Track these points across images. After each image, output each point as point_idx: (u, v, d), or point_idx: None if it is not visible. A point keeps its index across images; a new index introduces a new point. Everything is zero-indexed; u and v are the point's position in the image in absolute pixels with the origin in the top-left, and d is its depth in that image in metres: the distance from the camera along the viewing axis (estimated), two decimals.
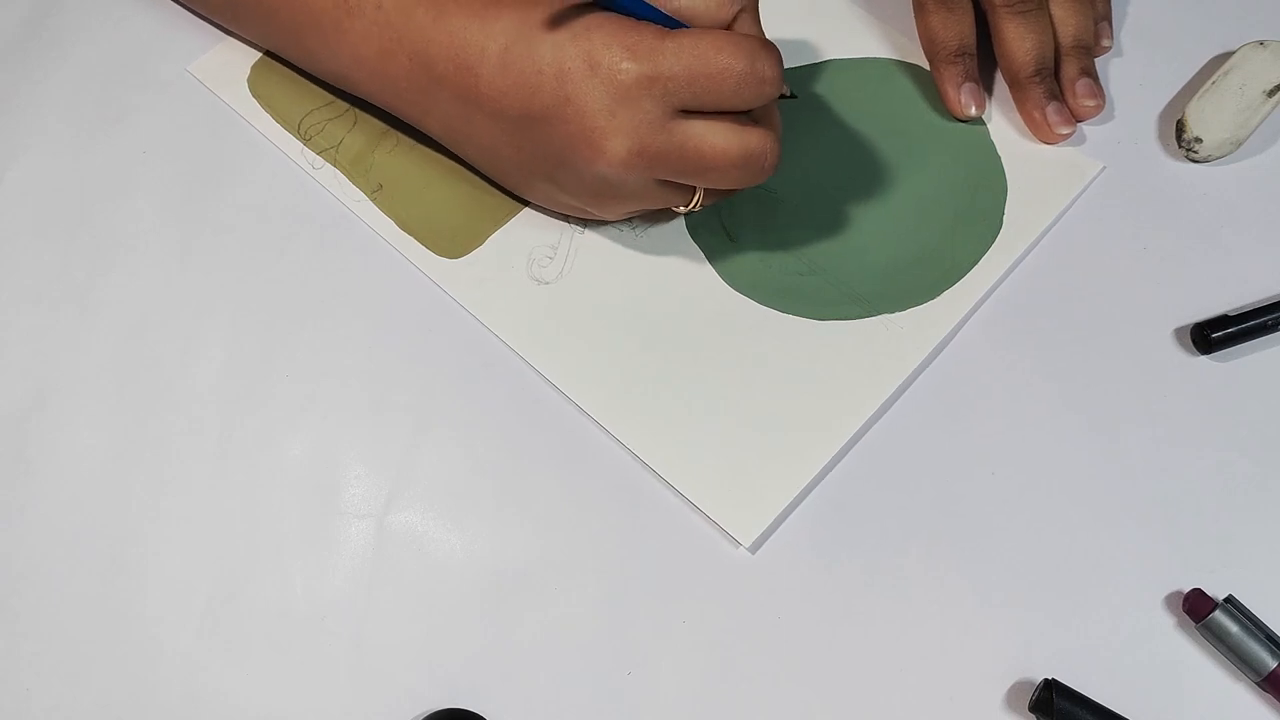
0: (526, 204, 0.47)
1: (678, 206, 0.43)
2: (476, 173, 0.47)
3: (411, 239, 0.47)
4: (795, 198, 0.47)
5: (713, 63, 0.38)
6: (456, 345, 0.45)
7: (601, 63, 0.38)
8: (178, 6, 0.52)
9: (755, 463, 0.42)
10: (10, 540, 0.42)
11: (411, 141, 0.48)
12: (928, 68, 0.50)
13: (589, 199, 0.43)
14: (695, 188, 0.42)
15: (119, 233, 0.47)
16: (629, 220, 0.47)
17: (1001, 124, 0.49)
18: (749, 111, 0.40)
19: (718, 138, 0.39)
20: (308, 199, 0.48)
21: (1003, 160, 0.48)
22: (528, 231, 0.47)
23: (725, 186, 0.41)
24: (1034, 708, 0.38)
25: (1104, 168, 0.47)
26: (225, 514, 0.42)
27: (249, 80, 0.50)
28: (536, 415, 0.43)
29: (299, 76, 0.50)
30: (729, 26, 0.41)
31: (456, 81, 0.41)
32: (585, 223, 0.47)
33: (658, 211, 0.46)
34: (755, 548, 0.41)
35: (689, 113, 0.39)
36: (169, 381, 0.44)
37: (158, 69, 0.51)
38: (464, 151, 0.46)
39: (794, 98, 0.46)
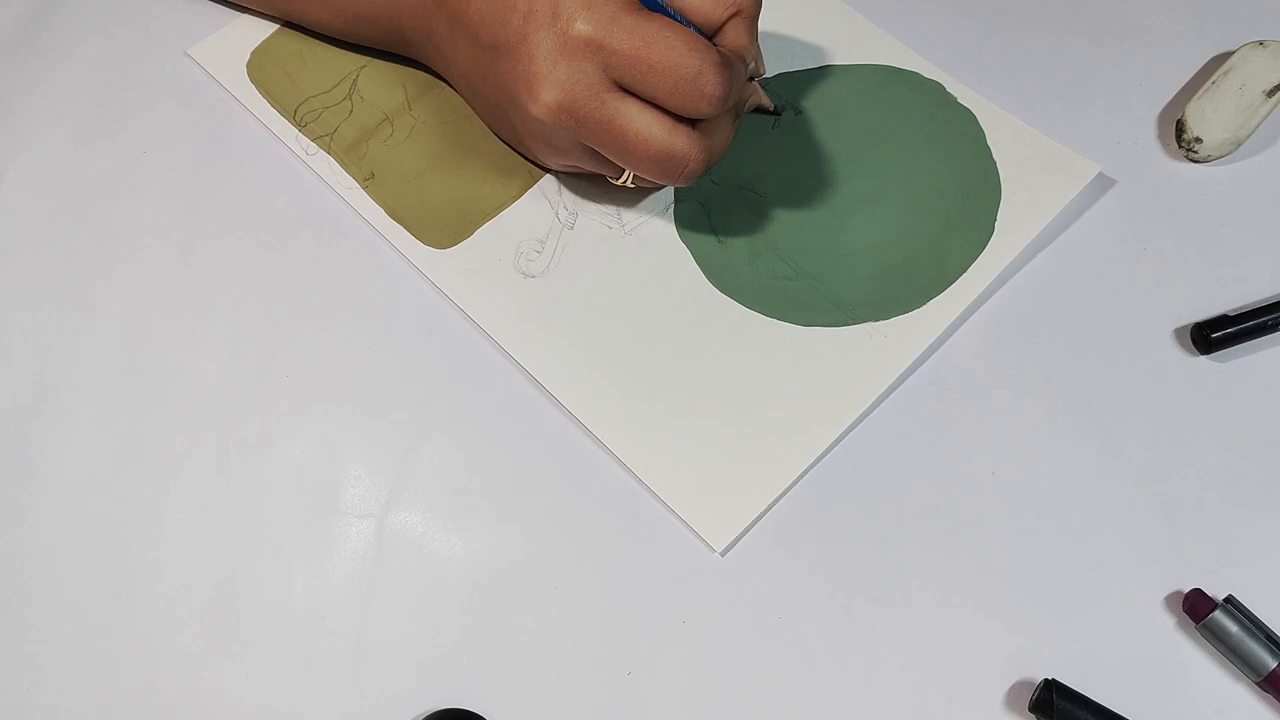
0: (516, 196, 0.47)
1: (610, 177, 0.44)
2: (468, 163, 0.47)
3: (400, 228, 0.47)
4: (786, 201, 0.47)
5: (659, 55, 0.38)
6: (457, 344, 0.45)
7: (561, 14, 0.39)
8: (179, 5, 0.52)
9: (732, 468, 0.42)
10: (10, 540, 0.42)
11: (407, 133, 0.48)
12: (924, 74, 0.50)
13: (530, 141, 0.44)
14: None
15: (119, 232, 0.47)
16: (614, 211, 0.47)
17: (999, 128, 0.49)
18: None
19: (644, 126, 0.39)
20: (306, 195, 0.48)
21: (998, 165, 0.48)
22: (517, 225, 0.47)
23: (642, 175, 0.41)
24: (1034, 708, 0.38)
25: (1100, 170, 0.47)
26: (225, 514, 0.42)
27: (247, 66, 0.50)
28: (535, 415, 0.43)
29: (298, 63, 0.50)
30: (719, 29, 0.41)
31: (452, 7, 0.43)
32: (575, 218, 0.47)
33: (614, 188, 0.46)
34: (727, 553, 0.41)
35: (632, 93, 0.40)
36: (169, 381, 0.44)
37: (158, 68, 0.51)
38: (450, 78, 0.47)
39: (777, 114, 0.46)
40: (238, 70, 0.50)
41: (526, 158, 0.48)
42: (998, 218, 0.46)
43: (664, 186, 0.46)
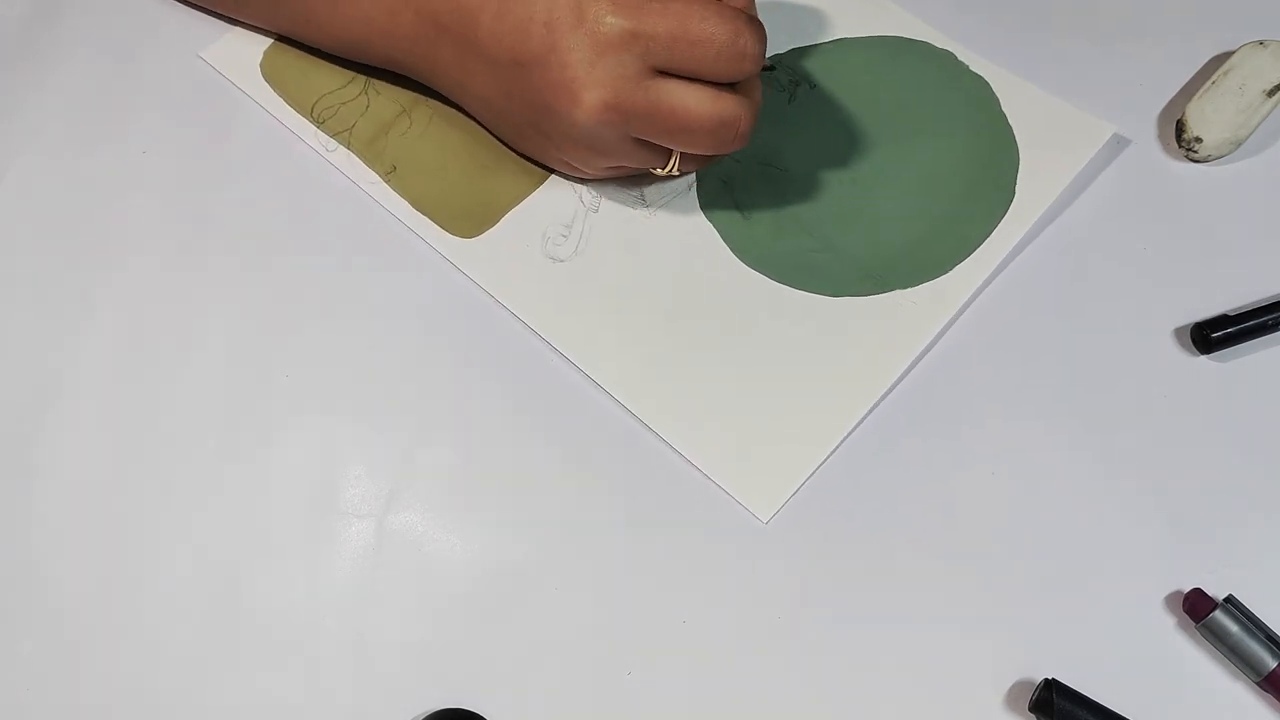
0: (539, 183, 0.48)
1: (655, 168, 0.44)
2: (489, 151, 0.48)
3: (427, 219, 0.47)
4: (807, 175, 0.48)
5: (695, 29, 0.39)
6: (459, 342, 0.45)
7: (587, 15, 0.39)
8: (182, 7, 0.52)
9: (772, 438, 0.43)
10: (10, 539, 0.42)
11: (425, 124, 0.49)
12: (937, 45, 0.50)
13: (571, 150, 0.43)
14: (671, 151, 0.43)
15: (121, 232, 0.47)
16: (637, 192, 0.47)
17: (1012, 93, 0.49)
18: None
19: (692, 100, 0.40)
20: (321, 185, 0.48)
21: (1014, 130, 0.48)
22: (542, 210, 0.47)
23: (697, 150, 0.42)
24: (1034, 708, 0.38)
25: (1115, 131, 0.47)
26: (225, 514, 0.42)
27: (262, 65, 0.50)
28: (534, 413, 0.43)
29: (312, 61, 0.50)
30: None
31: (458, 31, 0.43)
32: (599, 200, 0.47)
33: (642, 175, 0.47)
34: (770, 521, 0.41)
35: (669, 75, 0.40)
36: (170, 381, 0.44)
37: (164, 62, 0.51)
38: (465, 102, 0.47)
39: (773, 69, 0.46)
40: (251, 70, 0.50)
41: (558, 171, 0.47)
42: (1017, 181, 0.47)
43: (710, 163, 0.45)
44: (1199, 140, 0.47)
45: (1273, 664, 0.38)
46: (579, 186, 0.48)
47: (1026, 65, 0.50)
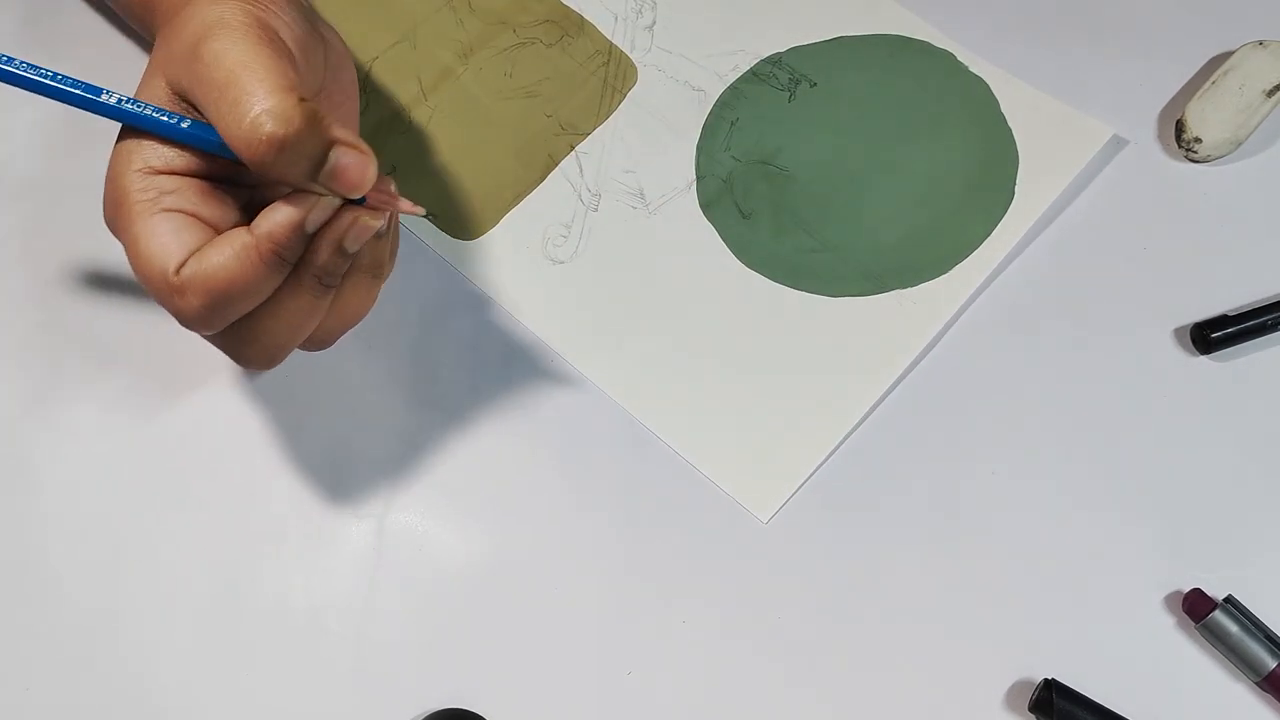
0: (539, 183, 0.48)
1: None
2: (490, 151, 0.48)
3: (426, 221, 0.47)
4: (806, 175, 0.48)
5: (133, 263, 0.34)
6: (459, 342, 0.45)
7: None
8: None
9: (772, 439, 0.43)
10: (10, 539, 0.42)
11: (425, 123, 0.49)
12: (937, 45, 0.50)
13: None
14: None
15: None
16: (637, 191, 0.47)
17: (1012, 95, 0.49)
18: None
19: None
20: None
21: (1013, 131, 0.48)
22: (541, 210, 0.47)
23: None
24: (1034, 708, 0.38)
25: (1114, 133, 0.47)
26: (225, 513, 0.42)
27: None
28: (534, 414, 0.43)
29: None
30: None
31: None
32: (598, 200, 0.47)
33: None
34: (770, 521, 0.41)
35: None
36: (170, 381, 0.44)
37: None
38: None
39: (431, 216, 0.35)
40: None
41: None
42: (1017, 181, 0.47)
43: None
44: (1199, 140, 0.47)
45: (1273, 664, 0.38)
46: (578, 184, 0.48)
47: (1026, 66, 0.50)
